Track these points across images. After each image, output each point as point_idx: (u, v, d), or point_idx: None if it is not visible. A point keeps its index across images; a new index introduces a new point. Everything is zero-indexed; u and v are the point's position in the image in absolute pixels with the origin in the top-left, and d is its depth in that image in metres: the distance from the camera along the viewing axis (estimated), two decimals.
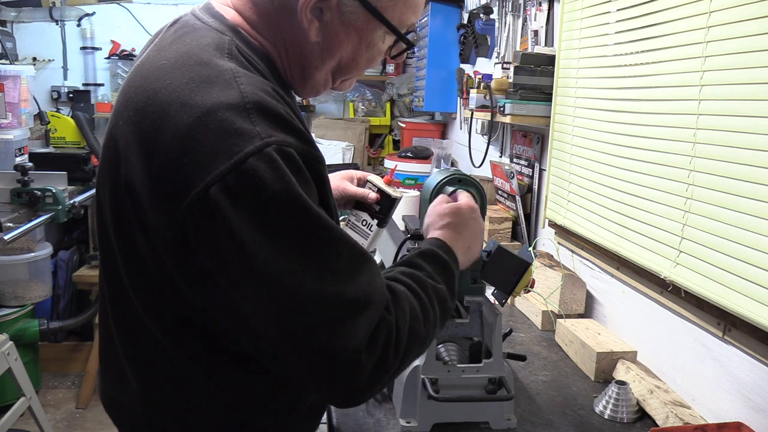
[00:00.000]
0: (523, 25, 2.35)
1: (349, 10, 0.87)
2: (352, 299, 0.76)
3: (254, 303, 0.75)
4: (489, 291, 1.27)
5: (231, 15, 0.89)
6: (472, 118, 2.55)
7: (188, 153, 0.74)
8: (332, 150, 3.74)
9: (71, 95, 4.03)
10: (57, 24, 4.03)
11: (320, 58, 0.91)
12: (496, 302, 1.26)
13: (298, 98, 1.02)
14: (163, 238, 0.77)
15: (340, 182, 1.28)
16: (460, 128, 3.21)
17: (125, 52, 4.08)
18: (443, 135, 3.64)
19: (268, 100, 0.78)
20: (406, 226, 1.56)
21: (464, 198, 1.12)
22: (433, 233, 1.02)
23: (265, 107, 0.76)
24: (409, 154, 3.25)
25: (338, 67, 0.95)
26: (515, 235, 2.26)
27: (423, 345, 0.87)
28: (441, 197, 1.12)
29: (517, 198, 2.20)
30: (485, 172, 2.55)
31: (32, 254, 3.17)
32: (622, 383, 1.32)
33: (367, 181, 1.30)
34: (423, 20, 3.37)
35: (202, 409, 0.91)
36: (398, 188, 1.34)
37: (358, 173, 1.31)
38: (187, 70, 0.79)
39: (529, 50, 2.20)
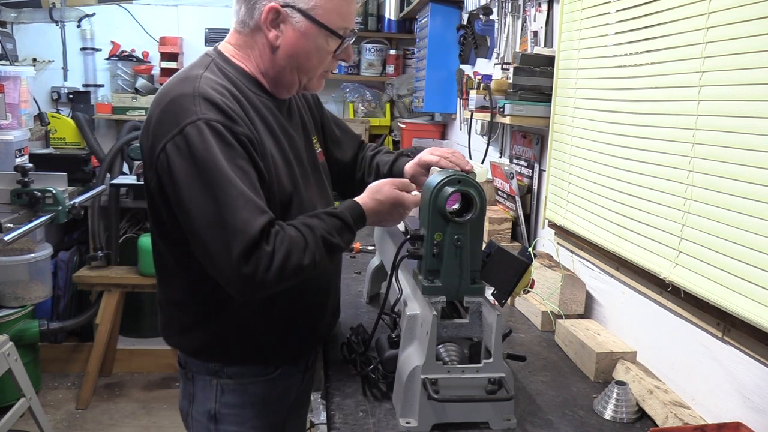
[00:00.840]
0: (522, 25, 2.35)
1: (295, 20, 1.26)
2: (234, 228, 1.12)
3: (184, 221, 1.19)
4: (489, 291, 1.27)
5: (224, 47, 1.36)
6: (471, 118, 2.56)
7: (159, 123, 1.21)
8: None
9: (71, 96, 4.03)
10: (57, 25, 4.03)
11: (283, 59, 1.29)
12: (496, 302, 1.26)
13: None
14: (152, 182, 1.25)
15: (423, 154, 1.66)
16: (460, 129, 3.22)
17: (125, 53, 4.08)
18: (443, 136, 3.64)
19: (211, 92, 1.20)
20: (405, 227, 1.57)
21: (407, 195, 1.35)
22: (368, 201, 1.32)
23: (207, 97, 1.19)
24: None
25: (298, 66, 1.30)
26: (515, 236, 2.26)
27: (300, 272, 1.18)
28: (395, 180, 1.36)
29: (517, 198, 2.20)
30: None
31: (32, 255, 3.17)
32: (621, 383, 1.32)
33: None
34: (423, 21, 3.38)
35: (180, 295, 1.37)
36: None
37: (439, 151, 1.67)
38: (176, 77, 1.30)
39: (529, 51, 2.20)
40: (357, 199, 1.33)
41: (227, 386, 1.38)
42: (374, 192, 1.34)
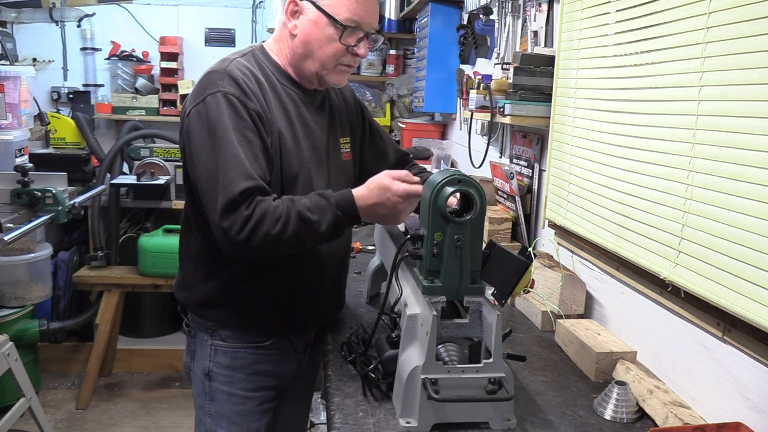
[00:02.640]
0: (522, 25, 2.35)
1: (308, 10, 1.43)
2: (222, 185, 1.28)
3: (193, 177, 1.39)
4: (489, 291, 1.27)
5: (266, 42, 1.56)
6: (471, 118, 2.55)
7: (192, 94, 1.41)
8: None
9: (71, 96, 4.03)
10: (57, 25, 4.03)
11: (299, 47, 1.46)
12: (496, 302, 1.26)
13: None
14: (182, 144, 1.45)
15: None
16: (460, 129, 3.21)
17: (125, 53, 4.08)
18: (443, 136, 3.64)
19: (237, 73, 1.39)
20: (405, 227, 1.57)
21: (407, 186, 1.35)
22: (359, 188, 1.37)
23: (232, 75, 1.38)
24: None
25: (311, 54, 1.45)
26: (515, 236, 2.26)
27: (269, 240, 1.29)
28: (392, 171, 1.37)
29: (517, 198, 2.20)
30: (485, 172, 2.55)
31: (32, 255, 3.17)
32: (621, 383, 1.32)
33: None
34: (423, 21, 3.38)
35: (191, 251, 1.54)
36: None
37: None
38: (220, 59, 1.47)
39: (529, 51, 2.20)
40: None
41: (220, 348, 1.52)
42: (368, 181, 1.38)
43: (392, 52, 4.14)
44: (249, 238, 1.28)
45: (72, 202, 2.70)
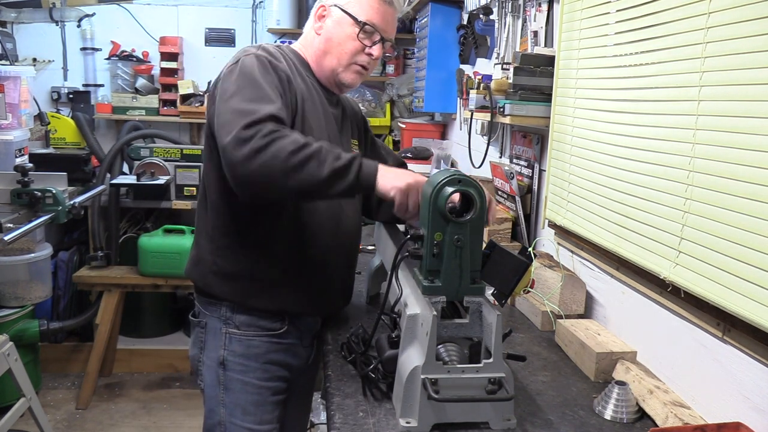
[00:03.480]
0: (522, 25, 2.35)
1: (335, 13, 1.59)
2: (249, 111, 1.31)
3: (214, 113, 1.42)
4: (489, 291, 1.27)
5: (293, 44, 1.69)
6: (471, 118, 2.55)
7: (226, 66, 1.49)
8: None
9: (71, 96, 4.03)
10: (57, 25, 4.03)
11: (321, 42, 1.60)
12: (496, 302, 1.26)
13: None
14: (209, 114, 1.50)
15: None
16: (460, 129, 3.21)
17: (125, 53, 4.08)
18: (443, 136, 3.64)
19: (269, 46, 1.54)
20: (405, 227, 1.57)
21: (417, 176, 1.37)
22: (383, 165, 1.37)
23: (265, 47, 1.52)
24: (409, 155, 3.26)
25: (330, 50, 1.58)
26: (515, 236, 2.26)
27: (281, 153, 1.27)
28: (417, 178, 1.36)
29: (517, 198, 2.21)
30: (485, 172, 2.55)
31: (32, 255, 3.17)
32: (621, 383, 1.32)
33: None
34: (423, 21, 3.38)
35: (206, 226, 1.58)
36: None
37: None
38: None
39: (529, 51, 2.20)
40: None
41: (234, 336, 1.55)
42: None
43: None
44: (264, 147, 1.26)
45: (72, 202, 2.70)
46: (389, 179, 1.33)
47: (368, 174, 1.32)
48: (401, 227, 1.60)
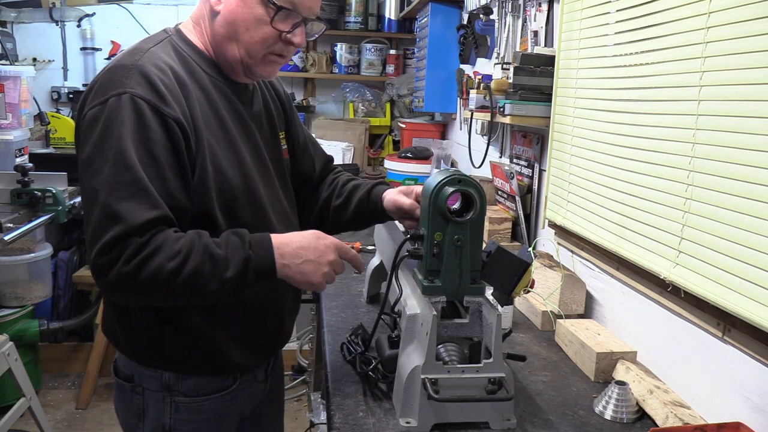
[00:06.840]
0: (522, 25, 2.35)
1: None
2: (112, 212, 1.05)
3: (81, 183, 1.13)
4: (489, 291, 1.27)
5: (184, 22, 1.32)
6: (471, 118, 2.56)
7: (93, 90, 1.15)
8: (332, 150, 3.71)
9: (71, 96, 4.02)
10: (57, 25, 4.03)
11: (222, 26, 1.22)
12: (496, 302, 1.26)
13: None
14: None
15: (396, 195, 1.42)
16: (460, 129, 3.22)
17: None
18: (443, 135, 3.64)
19: (150, 68, 1.14)
20: (405, 227, 1.56)
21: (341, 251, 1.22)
22: (281, 237, 1.17)
23: (144, 71, 1.13)
24: (408, 155, 3.26)
25: (236, 37, 1.21)
26: (515, 236, 2.26)
27: (160, 274, 1.06)
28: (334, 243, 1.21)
29: (517, 198, 2.20)
30: (485, 172, 2.55)
31: (32, 255, 3.17)
32: (621, 383, 1.32)
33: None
34: (423, 20, 3.38)
35: None
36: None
37: (418, 188, 1.38)
38: (128, 48, 1.23)
39: (529, 51, 2.20)
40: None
41: (182, 403, 1.29)
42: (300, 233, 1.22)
43: (392, 51, 4.15)
44: (136, 271, 1.04)
45: (72, 202, 2.70)
46: (285, 260, 1.14)
47: (264, 268, 1.13)
48: (401, 227, 1.60)
